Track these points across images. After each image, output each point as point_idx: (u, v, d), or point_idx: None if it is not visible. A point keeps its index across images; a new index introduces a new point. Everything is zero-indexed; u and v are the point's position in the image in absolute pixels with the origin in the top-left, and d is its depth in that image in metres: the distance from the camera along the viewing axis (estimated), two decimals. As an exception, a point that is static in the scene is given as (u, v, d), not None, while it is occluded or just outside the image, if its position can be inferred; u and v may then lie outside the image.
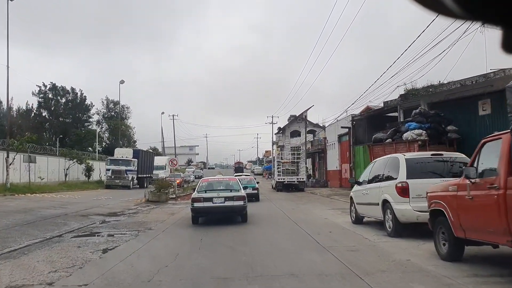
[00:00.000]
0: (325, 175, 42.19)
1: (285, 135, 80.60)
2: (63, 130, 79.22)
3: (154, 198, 25.26)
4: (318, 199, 25.13)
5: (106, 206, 21.02)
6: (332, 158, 39.43)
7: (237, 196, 12.71)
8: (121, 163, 41.69)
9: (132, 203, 23.45)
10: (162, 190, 26.18)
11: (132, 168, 42.00)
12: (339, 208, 17.52)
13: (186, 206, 20.71)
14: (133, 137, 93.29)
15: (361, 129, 33.22)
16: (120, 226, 13.17)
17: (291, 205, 20.37)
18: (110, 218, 15.93)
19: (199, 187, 13.89)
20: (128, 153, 43.43)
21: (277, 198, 26.86)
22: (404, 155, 9.70)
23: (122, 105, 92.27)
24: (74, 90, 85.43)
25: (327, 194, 28.48)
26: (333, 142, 38.69)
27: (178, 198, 27.79)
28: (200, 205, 12.58)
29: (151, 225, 13.13)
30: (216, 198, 12.60)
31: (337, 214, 15.34)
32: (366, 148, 29.73)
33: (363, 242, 8.94)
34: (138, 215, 17.07)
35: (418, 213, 8.81)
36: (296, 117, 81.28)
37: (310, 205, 19.74)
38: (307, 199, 25.33)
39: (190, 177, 54.51)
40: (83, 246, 9.54)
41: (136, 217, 15.98)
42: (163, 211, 18.72)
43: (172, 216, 16.03)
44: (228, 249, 8.63)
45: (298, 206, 19.30)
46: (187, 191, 37.96)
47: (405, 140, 18.20)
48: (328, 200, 23.09)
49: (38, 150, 37.92)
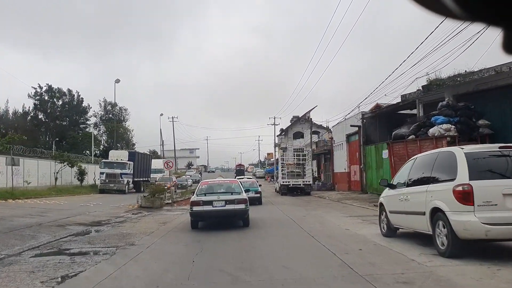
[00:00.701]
0: (332, 177, 39.78)
1: (288, 137, 78.18)
2: (59, 133, 77.16)
3: (148, 204, 22.91)
4: (329, 204, 22.74)
5: (92, 214, 18.67)
6: (339, 159, 37.05)
7: (239, 199, 12.02)
8: (116, 166, 39.36)
9: (122, 210, 21.10)
10: (157, 195, 23.84)
11: (127, 171, 39.68)
12: (358, 215, 15.15)
13: (182, 213, 18.39)
14: (131, 140, 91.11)
15: (372, 127, 30.88)
16: (97, 241, 10.81)
17: (300, 211, 18.00)
18: (91, 229, 13.59)
19: (198, 190, 13.16)
20: (123, 156, 41.11)
21: (282, 202, 24.50)
22: (462, 148, 7.33)
23: (120, 107, 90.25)
24: (71, 92, 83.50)
25: (337, 198, 26.09)
26: (341, 142, 36.32)
27: (174, 204, 25.43)
28: (199, 209, 11.92)
29: (135, 239, 10.77)
30: (216, 202, 11.92)
31: (357, 223, 12.95)
32: (381, 147, 27.37)
33: (412, 267, 6.56)
34: (125, 224, 14.70)
35: (487, 226, 6.46)
36: (299, 118, 78.94)
37: (322, 211, 17.36)
38: (316, 203, 22.95)
39: (187, 181, 51.38)
40: (38, 271, 7.21)
41: (121, 228, 13.61)
42: (155, 219, 16.36)
43: (163, 226, 13.66)
44: (227, 279, 6.26)
45: (308, 213, 16.92)
46: (186, 195, 35.68)
47: (431, 137, 15.87)
48: (341, 206, 20.71)
49: (27, 152, 35.64)
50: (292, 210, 18.86)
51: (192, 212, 12.07)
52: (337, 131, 37.21)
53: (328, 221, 13.56)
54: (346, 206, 19.93)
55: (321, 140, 49.44)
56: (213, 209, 11.81)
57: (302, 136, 74.26)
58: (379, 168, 27.66)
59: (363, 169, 30.53)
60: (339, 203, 22.68)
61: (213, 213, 11.88)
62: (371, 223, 12.55)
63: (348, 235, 10.25)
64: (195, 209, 12.01)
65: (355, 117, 30.81)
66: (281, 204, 23.51)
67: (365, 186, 30.27)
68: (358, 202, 21.66)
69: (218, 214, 11.94)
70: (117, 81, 46.97)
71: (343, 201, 23.58)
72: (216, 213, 11.87)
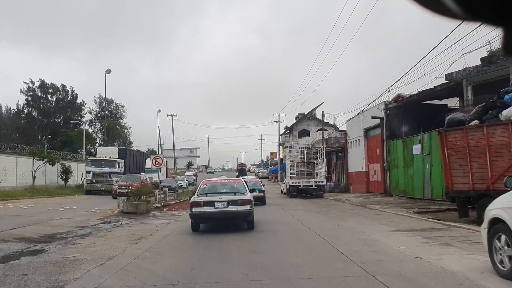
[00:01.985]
0: (346, 178, 35.47)
1: (293, 135, 73.89)
2: (52, 130, 73.29)
3: (131, 209, 18.68)
4: (353, 209, 18.46)
5: (53, 223, 14.43)
6: (355, 157, 32.76)
7: (242, 200, 11.19)
8: (104, 165, 35.21)
9: (96, 217, 16.88)
10: (143, 198, 19.62)
11: (117, 170, 35.49)
12: (408, 229, 10.88)
13: (169, 222, 14.20)
14: (129, 138, 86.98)
15: (397, 120, 26.61)
16: (9, 279, 6.55)
17: (324, 220, 13.76)
18: (30, 248, 9.39)
19: (199, 189, 12.18)
20: (112, 153, 36.89)
21: (294, 206, 20.24)
22: None
23: (116, 104, 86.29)
24: (65, 88, 79.60)
25: (360, 202, 21.81)
26: (357, 138, 32.04)
27: (164, 208, 21.18)
28: (200, 211, 11.15)
29: (74, 275, 6.53)
30: (218, 202, 11.11)
31: (421, 243, 8.66)
32: (410, 142, 23.05)
33: None
34: (82, 241, 10.46)
35: None
36: (305, 115, 74.70)
37: (354, 222, 13.07)
38: (338, 209, 18.67)
39: (177, 183, 44.30)
40: None
41: (73, 248, 9.36)
42: (130, 232, 12.11)
43: (134, 246, 9.40)
44: None
45: (337, 223, 12.63)
46: (182, 197, 31.52)
47: (506, 121, 11.61)
48: (371, 213, 16.43)
49: (2, 148, 31.52)
50: (311, 218, 14.60)
51: (192, 214, 11.27)
52: (353, 126, 32.91)
53: (374, 239, 9.27)
54: (380, 214, 15.64)
55: (332, 137, 45.05)
56: (214, 210, 11.01)
57: (308, 134, 69.96)
58: (407, 166, 23.38)
59: (386, 168, 26.25)
60: (365, 208, 18.39)
61: (215, 215, 11.07)
62: (444, 244, 8.32)
63: (432, 274, 5.97)
64: (195, 211, 11.20)
65: (377, 107, 26.53)
66: (292, 208, 19.25)
67: (388, 187, 25.97)
68: (391, 208, 17.39)
69: (220, 216, 11.09)
70: (107, 71, 42.90)
71: (369, 206, 19.30)
72: (218, 214, 11.03)
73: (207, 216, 11.18)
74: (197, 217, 11.30)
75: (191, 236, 10.82)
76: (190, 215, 11.45)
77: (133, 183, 23.94)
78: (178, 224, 13.88)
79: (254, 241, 9.52)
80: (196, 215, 11.25)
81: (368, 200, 22.89)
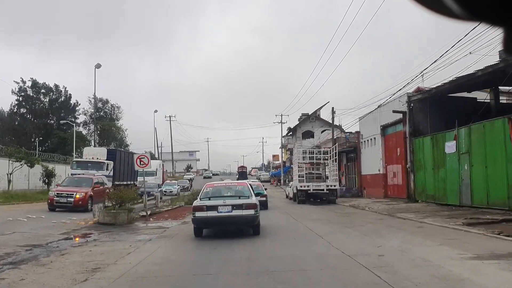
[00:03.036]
0: (359, 181, 32.00)
1: (296, 136, 70.38)
2: (45, 131, 70.12)
3: (108, 219, 15.24)
4: (381, 219, 14.98)
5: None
6: (370, 158, 29.34)
7: (247, 204, 10.62)
8: (91, 167, 31.72)
9: (61, 230, 13.44)
10: (124, 205, 16.19)
11: (105, 173, 32.03)
12: (490, 253, 7.44)
13: (150, 239, 10.81)
14: (125, 140, 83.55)
15: (421, 114, 23.20)
16: None
17: (355, 237, 10.31)
18: None
19: (202, 193, 11.73)
20: (100, 154, 33.39)
21: (308, 216, 16.80)
22: None
23: (112, 104, 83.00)
24: (58, 88, 76.33)
25: (384, 209, 18.35)
26: (372, 137, 28.63)
27: (151, 217, 17.72)
28: (203, 215, 10.59)
29: None
30: (221, 207, 10.59)
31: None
32: (442, 138, 19.62)
33: None
34: (12, 273, 7.04)
35: None
36: (309, 115, 71.25)
37: (399, 240, 9.59)
38: (362, 219, 15.19)
39: (170, 188, 39.00)
40: None
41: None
42: (88, 257, 8.64)
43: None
44: None
45: (376, 243, 9.12)
46: (176, 203, 28.13)
47: None
48: (410, 225, 12.96)
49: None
50: (337, 233, 11.16)
51: (195, 219, 10.87)
52: (367, 123, 29.48)
53: (459, 277, 5.81)
54: (423, 227, 12.16)
55: (341, 137, 41.59)
56: (218, 215, 10.60)
57: (313, 136, 66.44)
58: (438, 167, 19.96)
59: (409, 170, 22.80)
60: (397, 218, 14.92)
61: (218, 220, 10.65)
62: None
63: None
64: (198, 215, 10.77)
65: (399, 99, 23.12)
66: (306, 217, 15.82)
67: (412, 192, 22.51)
68: (429, 218, 13.93)
69: (224, 221, 10.70)
70: (97, 66, 39.43)
71: (397, 214, 15.86)
72: (222, 219, 10.63)
73: (210, 221, 10.71)
74: (200, 222, 10.82)
75: (169, 266, 7.39)
76: (192, 220, 11.07)
77: (79, 190, 19.64)
78: (160, 243, 10.45)
79: (266, 279, 6.07)
80: (199, 220, 10.78)
81: (393, 207, 19.44)
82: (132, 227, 14.59)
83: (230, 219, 10.58)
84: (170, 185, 40.05)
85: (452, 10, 0.82)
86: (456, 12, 0.82)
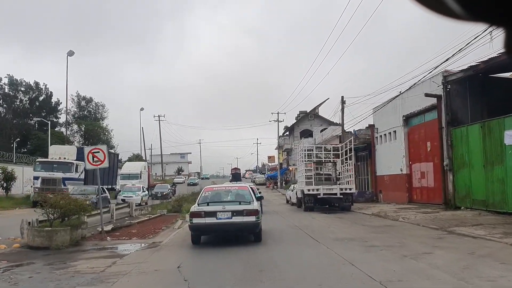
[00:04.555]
0: (373, 183, 27.28)
1: (294, 136, 65.67)
2: (23, 132, 65.00)
3: (39, 240, 10.36)
4: (440, 238, 10.15)
5: None
6: (387, 156, 24.67)
7: (248, 210, 10.00)
8: (57, 168, 26.92)
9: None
10: (70, 219, 11.29)
11: (73, 175, 27.18)
12: None
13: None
14: (111, 141, 78.14)
15: (460, 100, 18.58)
16: None
17: (442, 284, 5.53)
18: None
19: (201, 198, 10.94)
20: (69, 153, 28.44)
21: (326, 231, 11.99)
22: None
23: (96, 103, 77.79)
24: (38, 85, 71.16)
25: (426, 221, 13.61)
26: (391, 130, 23.96)
27: (108, 236, 12.73)
28: (201, 222, 9.98)
29: None
30: (221, 213, 9.99)
31: None
32: (497, 126, 14.97)
33: None
34: None
35: None
36: (307, 113, 66.59)
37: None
38: (412, 239, 10.30)
39: (132, 196, 27.19)
40: None
41: None
42: None
43: None
44: None
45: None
46: (157, 211, 23.29)
47: None
48: (496, 247, 8.22)
49: None
50: (409, 276, 6.42)
51: (192, 225, 10.12)
52: (384, 115, 24.78)
53: None
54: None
55: (349, 132, 36.79)
56: (217, 221, 9.90)
57: (311, 135, 61.55)
58: (492, 164, 15.31)
59: (447, 168, 18.10)
60: (464, 237, 10.16)
61: (217, 227, 9.96)
62: None
63: None
64: (195, 222, 10.05)
65: (432, 80, 18.41)
66: (328, 235, 11.00)
67: (452, 196, 17.80)
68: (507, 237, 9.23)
69: (223, 228, 9.99)
70: (70, 53, 34.42)
71: (455, 229, 11.14)
72: (221, 226, 9.92)
73: (208, 228, 10.04)
74: (198, 229, 10.14)
75: None
76: (189, 227, 10.36)
77: None
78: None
79: None
80: (196, 227, 10.10)
81: (435, 217, 14.70)
82: (73, 254, 9.73)
83: (230, 226, 9.96)
84: (130, 190, 29.38)
85: (452, 9, 0.79)
86: (456, 11, 0.79)
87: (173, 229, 14.36)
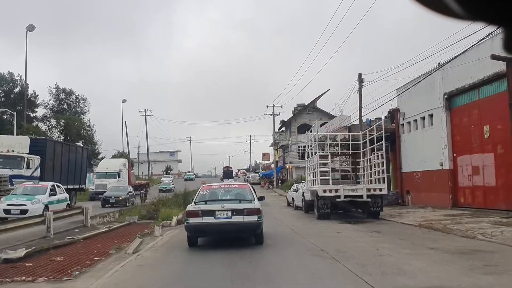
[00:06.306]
0: (398, 182, 22.06)
1: (291, 131, 60.40)
2: (0, 126, 59.66)
3: None
4: None
5: None
6: (419, 147, 19.52)
7: (249, 209, 9.40)
8: (2, 163, 21.42)
9: None
10: None
11: (24, 172, 21.66)
12: None
13: None
14: (93, 138, 72.17)
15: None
16: None
17: None
18: None
19: (198, 196, 10.35)
20: (20, 145, 22.86)
21: (378, 265, 6.87)
22: None
23: (76, 96, 71.85)
24: (13, 76, 65.74)
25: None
26: (425, 114, 18.84)
27: (31, 261, 7.36)
28: (198, 222, 9.36)
29: None
30: (219, 212, 9.36)
31: None
32: None
33: None
34: None
35: None
36: (305, 106, 61.40)
37: None
38: None
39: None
40: None
41: None
42: None
43: None
44: None
45: None
46: (126, 217, 18.03)
47: None
48: None
49: None
50: None
51: (189, 225, 9.48)
52: (414, 96, 19.58)
53: None
54: None
55: (357, 124, 31.52)
56: (215, 221, 9.31)
57: (310, 130, 56.82)
58: None
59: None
60: None
61: (216, 227, 9.37)
62: None
63: None
64: (192, 222, 9.42)
65: (494, 43, 13.31)
66: (393, 280, 5.86)
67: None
68: None
69: (222, 228, 9.38)
70: (29, 27, 28.85)
71: None
72: (220, 226, 9.33)
73: (206, 228, 9.46)
74: (195, 229, 9.53)
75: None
76: (185, 227, 9.74)
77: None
78: None
79: None
80: (193, 227, 9.46)
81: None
82: None
83: (229, 226, 9.28)
84: (26, 194, 17.33)
85: (452, 9, 0.79)
86: (456, 11, 0.79)
87: (124, 254, 9.00)
